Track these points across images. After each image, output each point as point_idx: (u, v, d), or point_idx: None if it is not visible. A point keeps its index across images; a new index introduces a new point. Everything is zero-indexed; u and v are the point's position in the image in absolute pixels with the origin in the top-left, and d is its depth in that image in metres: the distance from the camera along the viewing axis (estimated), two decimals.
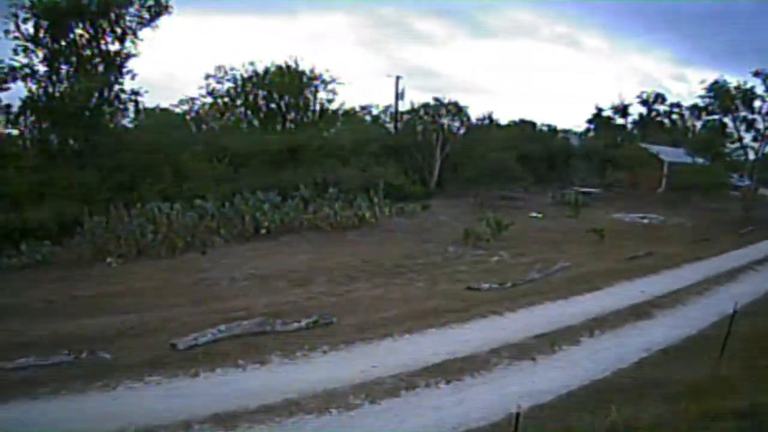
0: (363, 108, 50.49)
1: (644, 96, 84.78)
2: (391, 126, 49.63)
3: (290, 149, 35.31)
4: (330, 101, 41.07)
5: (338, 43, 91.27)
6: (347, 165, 35.51)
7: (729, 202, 49.60)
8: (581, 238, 28.49)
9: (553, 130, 64.62)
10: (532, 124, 61.03)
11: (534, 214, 35.98)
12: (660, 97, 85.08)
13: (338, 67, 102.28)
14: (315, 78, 40.00)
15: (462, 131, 46.49)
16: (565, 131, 67.97)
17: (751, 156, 61.85)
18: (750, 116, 59.00)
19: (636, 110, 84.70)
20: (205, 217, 23.97)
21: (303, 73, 39.30)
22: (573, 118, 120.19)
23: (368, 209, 28.56)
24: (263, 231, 24.89)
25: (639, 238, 29.14)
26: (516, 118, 59.50)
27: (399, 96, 45.89)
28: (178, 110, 41.44)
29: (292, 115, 39.84)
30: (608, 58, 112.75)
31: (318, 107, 40.72)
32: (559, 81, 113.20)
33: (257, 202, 26.14)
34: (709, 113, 61.15)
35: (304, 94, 39.46)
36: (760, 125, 59.09)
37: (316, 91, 40.14)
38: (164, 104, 41.85)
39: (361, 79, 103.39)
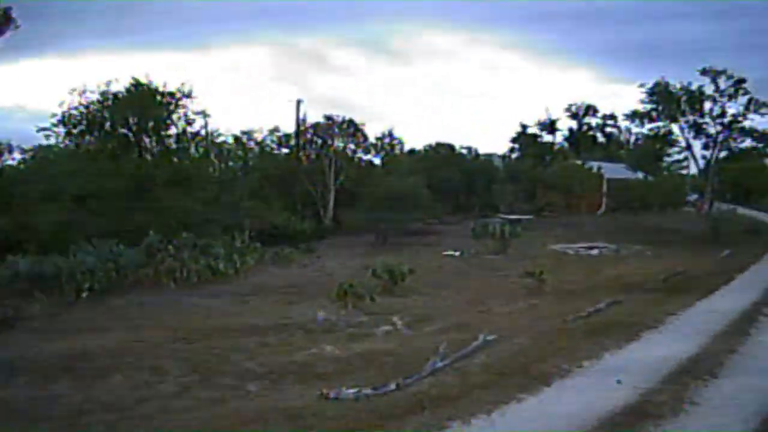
0: (245, 133, 45.40)
1: (573, 109, 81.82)
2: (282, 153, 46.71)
3: (139, 184, 31.68)
4: (189, 123, 36.99)
5: (255, 77, 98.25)
6: (215, 201, 32.98)
7: (684, 220, 45.84)
8: (513, 284, 22.80)
9: (472, 152, 60.56)
10: (450, 147, 56.79)
11: (450, 253, 31.20)
12: (591, 109, 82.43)
13: (253, 101, 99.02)
14: (169, 95, 35.42)
15: (359, 154, 44.62)
16: (489, 155, 65.87)
17: (694, 166, 60.04)
18: (699, 120, 56.29)
19: (566, 125, 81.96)
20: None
21: (157, 90, 35.45)
22: (500, 141, 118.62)
23: (226, 259, 25.40)
24: (84, 294, 21.29)
25: (593, 279, 23.74)
26: (432, 141, 57.01)
27: (302, 122, 43.08)
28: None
29: (149, 142, 36.36)
30: (534, 75, 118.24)
31: (177, 131, 37.14)
32: (484, 104, 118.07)
33: (86, 254, 23.10)
34: (652, 120, 57.81)
35: (161, 116, 35.67)
36: (712, 129, 56.46)
37: (171, 111, 35.91)
38: None
39: (277, 112, 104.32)
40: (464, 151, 61.43)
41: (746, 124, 54.86)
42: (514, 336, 14.90)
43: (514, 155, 77.87)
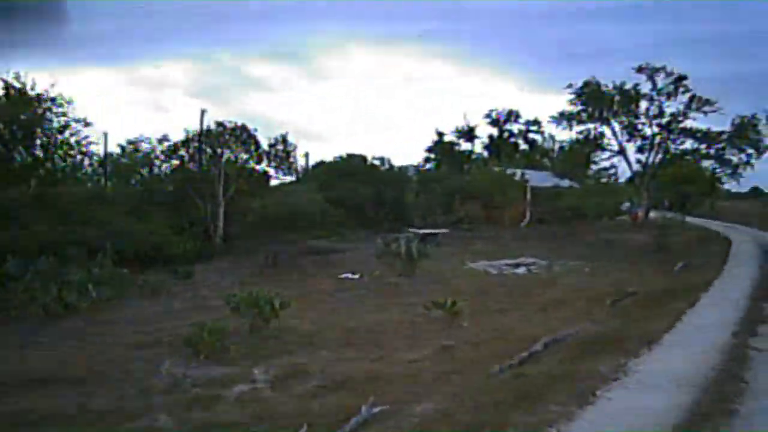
0: (131, 143, 42.83)
1: (494, 115, 79.18)
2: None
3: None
4: (61, 131, 34.55)
5: (177, 94, 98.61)
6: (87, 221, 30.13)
7: (621, 230, 43.15)
8: (419, 318, 18.45)
9: (386, 162, 57.17)
10: (363, 158, 53.32)
11: (348, 275, 27.48)
12: (513, 115, 79.94)
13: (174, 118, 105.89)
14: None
15: (252, 164, 41.30)
16: (405, 166, 64.38)
17: (628, 172, 57.62)
18: (634, 121, 53.73)
19: (487, 132, 79.45)
20: None
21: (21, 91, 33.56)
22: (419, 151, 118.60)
23: (79, 290, 22.45)
24: None
25: (522, 306, 19.62)
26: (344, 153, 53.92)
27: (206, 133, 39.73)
28: None
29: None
30: (459, 84, 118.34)
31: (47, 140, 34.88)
32: (407, 115, 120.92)
33: None
34: (581, 122, 54.98)
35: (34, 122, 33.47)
36: (648, 131, 54.02)
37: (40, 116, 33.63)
38: None
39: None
40: (377, 162, 57.64)
41: (687, 123, 52.70)
42: (415, 401, 10.59)
43: (429, 165, 74.67)
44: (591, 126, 54.97)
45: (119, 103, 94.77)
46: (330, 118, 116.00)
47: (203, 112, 39.24)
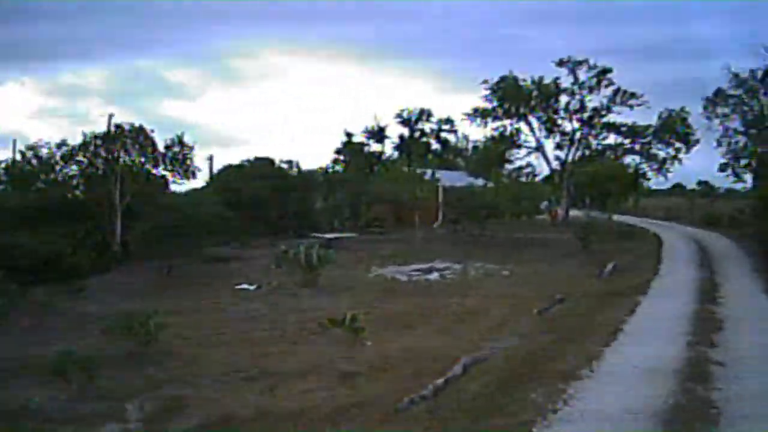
0: (30, 148, 38.43)
1: (405, 115, 77.13)
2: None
3: None
4: None
5: (96, 101, 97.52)
6: None
7: (539, 230, 42.66)
8: (314, 336, 15.98)
9: (294, 165, 54.44)
10: (270, 161, 50.57)
11: (245, 286, 25.08)
12: (425, 114, 77.98)
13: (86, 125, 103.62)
14: None
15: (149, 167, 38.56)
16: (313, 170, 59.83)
17: (547, 169, 56.38)
18: (553, 116, 52.49)
19: (397, 132, 77.41)
20: None
21: None
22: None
23: None
24: None
25: (436, 318, 17.34)
26: (251, 156, 50.47)
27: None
28: None
29: None
30: (373, 86, 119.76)
31: None
32: (322, 119, 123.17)
33: None
34: (496, 118, 53.44)
35: None
36: (568, 126, 52.84)
37: None
38: None
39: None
40: (285, 165, 54.72)
41: (611, 118, 51.69)
42: None
43: (337, 167, 72.02)
44: (507, 122, 53.57)
45: (41, 113, 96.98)
46: (245, 123, 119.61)
47: (110, 116, 37.23)
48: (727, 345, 12.94)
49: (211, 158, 49.21)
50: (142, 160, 37.47)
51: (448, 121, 76.84)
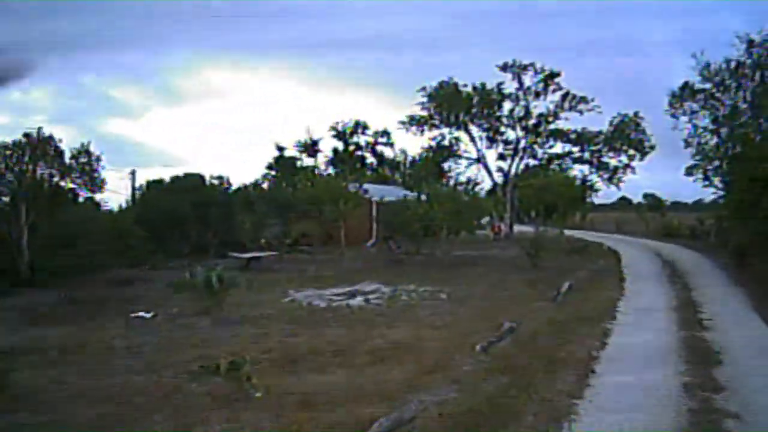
0: None
1: (339, 127, 73.88)
2: None
3: None
4: None
5: (41, 120, 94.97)
6: None
7: (482, 247, 39.78)
8: (190, 382, 12.00)
9: (224, 181, 50.87)
10: (200, 177, 46.96)
11: (142, 314, 21.48)
12: (360, 127, 74.77)
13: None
14: None
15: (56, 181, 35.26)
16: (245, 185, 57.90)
17: (488, 181, 53.07)
18: (496, 125, 49.28)
19: (332, 146, 74.31)
20: None
21: None
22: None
23: None
24: None
25: (351, 357, 13.65)
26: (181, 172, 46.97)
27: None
28: None
29: None
30: (314, 102, 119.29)
31: None
32: (260, 136, 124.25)
33: None
34: (433, 126, 50.15)
35: None
36: (512, 135, 49.75)
37: None
38: None
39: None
40: (215, 182, 50.95)
41: (559, 125, 48.65)
42: None
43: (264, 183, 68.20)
44: (445, 131, 50.26)
45: None
46: (187, 142, 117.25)
47: (39, 130, 33.34)
48: (735, 386, 10.06)
49: (133, 173, 45.35)
50: (51, 172, 34.33)
51: (385, 133, 73.78)
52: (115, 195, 40.98)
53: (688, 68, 30.06)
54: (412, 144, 68.87)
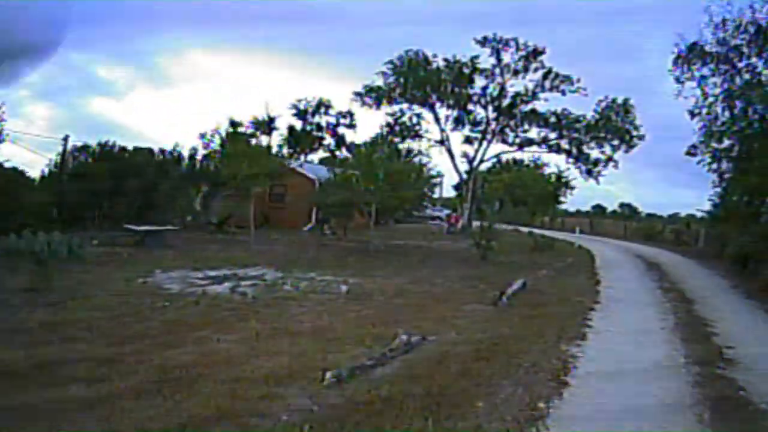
0: None
1: (301, 106, 67.66)
2: None
3: None
4: None
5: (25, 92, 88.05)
6: None
7: (428, 237, 34.82)
8: None
9: (175, 153, 44.86)
10: (149, 150, 41.26)
11: None
12: (323, 107, 68.53)
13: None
14: None
15: None
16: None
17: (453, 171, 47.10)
18: (465, 103, 43.14)
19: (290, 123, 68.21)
20: None
21: None
22: None
23: None
24: None
25: (125, 377, 7.27)
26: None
27: None
28: None
29: None
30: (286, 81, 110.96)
31: None
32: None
33: None
34: (392, 101, 43.75)
35: None
36: (482, 114, 43.65)
37: None
38: None
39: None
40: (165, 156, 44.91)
41: (538, 107, 42.42)
42: None
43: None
44: (405, 107, 43.95)
45: None
46: (165, 122, 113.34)
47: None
48: None
49: (65, 139, 39.29)
50: None
51: (349, 114, 67.62)
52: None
53: (699, 26, 24.34)
54: (363, 114, 63.00)
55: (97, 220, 32.15)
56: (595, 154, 42.38)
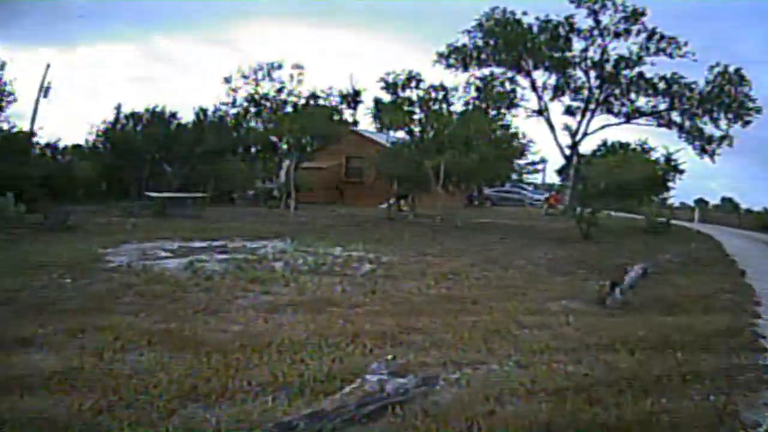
0: None
1: (390, 79, 62.52)
2: None
3: None
4: None
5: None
6: None
7: (521, 218, 28.73)
8: None
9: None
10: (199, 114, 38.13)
11: None
12: (414, 80, 63.23)
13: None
14: None
15: None
16: None
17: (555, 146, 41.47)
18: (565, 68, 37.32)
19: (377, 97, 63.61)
20: None
21: None
22: None
23: None
24: None
25: None
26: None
27: None
28: None
29: None
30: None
31: None
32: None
33: None
34: (482, 63, 38.24)
35: None
36: (584, 79, 37.87)
37: None
38: None
39: None
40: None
41: (645, 71, 36.39)
42: None
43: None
44: (498, 71, 38.30)
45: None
46: None
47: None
48: None
49: (118, 108, 36.18)
50: None
51: (443, 87, 62.55)
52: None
53: None
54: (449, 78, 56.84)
55: (141, 190, 29.38)
56: (709, 128, 36.01)
